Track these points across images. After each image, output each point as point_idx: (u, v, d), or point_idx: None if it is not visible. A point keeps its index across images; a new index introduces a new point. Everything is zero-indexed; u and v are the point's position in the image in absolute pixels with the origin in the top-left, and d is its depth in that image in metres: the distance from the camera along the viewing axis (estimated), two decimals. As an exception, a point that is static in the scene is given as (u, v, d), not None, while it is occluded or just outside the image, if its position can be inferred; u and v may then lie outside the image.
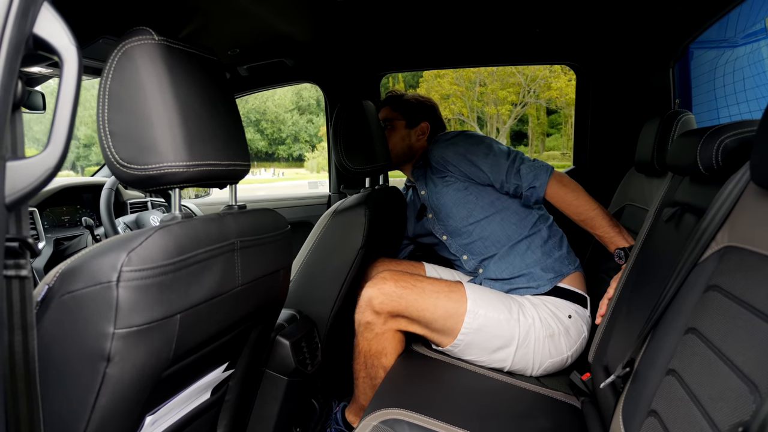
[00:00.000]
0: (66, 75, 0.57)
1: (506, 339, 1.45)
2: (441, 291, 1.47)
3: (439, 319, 1.45)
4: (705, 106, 1.91)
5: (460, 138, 1.71)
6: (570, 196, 1.54)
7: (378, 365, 1.51)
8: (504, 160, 1.62)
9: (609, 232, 1.50)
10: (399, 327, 1.49)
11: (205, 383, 1.04)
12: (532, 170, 1.58)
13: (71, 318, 0.70)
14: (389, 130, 1.90)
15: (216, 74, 0.95)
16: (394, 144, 1.89)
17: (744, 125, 0.95)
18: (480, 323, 1.44)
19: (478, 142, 1.69)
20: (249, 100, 27.64)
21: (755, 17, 1.68)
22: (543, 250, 1.60)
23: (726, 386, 0.65)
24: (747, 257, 0.73)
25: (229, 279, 0.92)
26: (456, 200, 1.70)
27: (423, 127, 1.91)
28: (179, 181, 0.84)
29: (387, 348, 1.50)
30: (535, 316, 1.48)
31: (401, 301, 1.44)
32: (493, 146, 1.66)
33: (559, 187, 1.56)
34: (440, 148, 1.72)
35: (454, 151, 1.68)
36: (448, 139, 1.74)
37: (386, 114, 1.94)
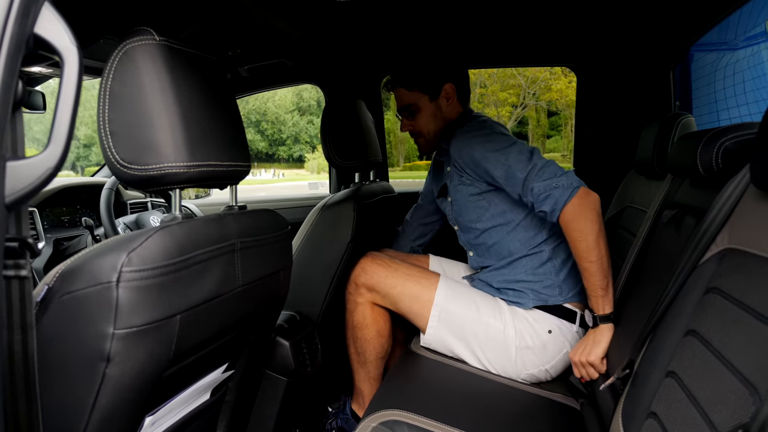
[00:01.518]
0: (67, 75, 0.57)
1: (468, 336, 1.47)
2: (412, 275, 1.54)
3: (405, 300, 1.51)
4: (705, 108, 1.91)
5: (477, 139, 1.48)
6: (575, 233, 1.31)
7: (360, 337, 1.57)
8: (521, 171, 1.37)
9: (596, 290, 1.31)
10: (374, 300, 1.55)
11: (205, 384, 1.03)
12: (547, 192, 1.32)
13: (71, 318, 0.70)
14: (416, 114, 1.66)
15: (216, 75, 0.95)
16: (427, 125, 1.66)
17: (744, 128, 0.95)
18: (446, 318, 1.49)
19: (496, 147, 1.44)
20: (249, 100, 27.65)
21: (755, 20, 1.69)
22: (537, 272, 1.50)
23: (725, 388, 0.65)
24: (747, 260, 0.73)
25: (229, 280, 0.92)
26: (468, 202, 1.58)
27: (447, 90, 1.64)
28: (180, 181, 0.84)
29: (366, 318, 1.56)
30: (510, 324, 1.46)
31: (374, 276, 1.53)
32: (511, 153, 1.40)
33: (572, 217, 1.31)
34: (458, 147, 1.52)
35: (470, 155, 1.48)
36: (466, 134, 1.51)
37: (404, 98, 1.67)
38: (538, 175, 1.34)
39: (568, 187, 1.30)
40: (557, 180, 1.32)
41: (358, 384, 1.62)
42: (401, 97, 1.67)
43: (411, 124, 1.68)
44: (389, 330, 1.60)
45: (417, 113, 1.65)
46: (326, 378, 1.72)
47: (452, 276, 1.77)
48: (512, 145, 1.42)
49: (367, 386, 1.61)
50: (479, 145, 1.47)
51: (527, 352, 1.43)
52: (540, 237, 1.51)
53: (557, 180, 1.32)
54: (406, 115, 1.68)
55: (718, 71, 1.86)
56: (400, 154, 29.78)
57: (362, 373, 1.60)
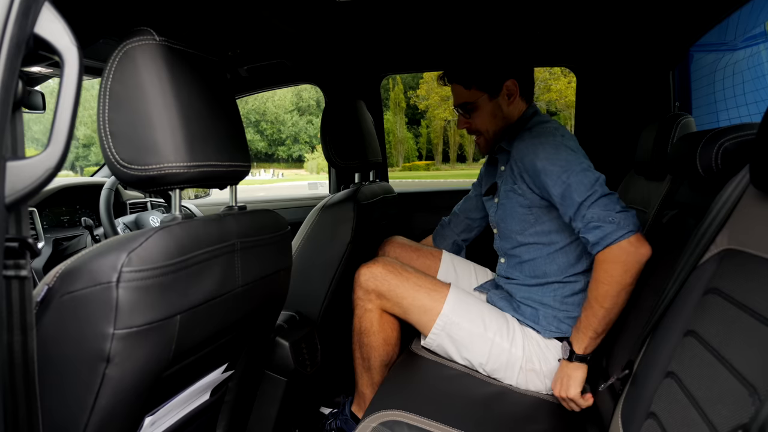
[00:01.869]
0: (67, 75, 0.57)
1: (474, 352, 1.44)
2: (423, 286, 1.48)
3: (415, 312, 1.47)
4: (704, 109, 1.91)
5: (543, 148, 1.33)
6: (604, 275, 1.20)
7: (366, 344, 1.53)
8: (579, 195, 1.24)
9: (588, 331, 1.24)
10: (384, 307, 1.51)
11: (205, 384, 1.03)
12: (599, 222, 1.20)
13: (71, 318, 0.70)
14: (473, 112, 1.53)
15: (216, 75, 0.95)
16: (486, 125, 1.53)
17: (743, 128, 0.95)
18: (450, 329, 1.45)
19: (561, 162, 1.30)
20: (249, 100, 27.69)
21: (755, 21, 1.69)
22: (565, 301, 1.43)
23: (725, 389, 0.65)
24: (746, 260, 0.73)
25: (229, 280, 0.92)
26: (515, 211, 1.46)
27: (509, 87, 1.50)
28: (180, 181, 0.84)
29: (374, 326, 1.52)
30: (518, 344, 1.42)
31: (384, 283, 1.48)
32: (575, 173, 1.27)
33: (612, 259, 1.19)
34: (521, 152, 1.39)
35: (532, 163, 1.34)
36: (533, 140, 1.37)
37: (461, 96, 1.54)
38: (596, 203, 1.22)
39: (623, 228, 1.18)
40: (615, 215, 1.19)
41: (361, 387, 1.60)
42: (458, 93, 1.55)
43: (468, 122, 1.56)
44: (397, 338, 1.56)
45: (474, 112, 1.53)
46: (326, 378, 1.72)
47: (463, 279, 1.76)
48: (579, 164, 1.29)
49: (369, 390, 1.58)
50: (544, 155, 1.32)
51: (532, 374, 1.40)
52: (579, 266, 1.43)
53: (615, 215, 1.19)
54: (463, 112, 1.56)
55: (717, 72, 1.86)
56: (399, 155, 29.83)
57: (366, 377, 1.58)
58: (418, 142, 31.65)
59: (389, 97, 28.28)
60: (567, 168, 1.28)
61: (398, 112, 28.97)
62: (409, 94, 27.78)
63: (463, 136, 29.54)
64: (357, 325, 1.55)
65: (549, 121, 1.47)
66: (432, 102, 24.63)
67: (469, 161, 30.10)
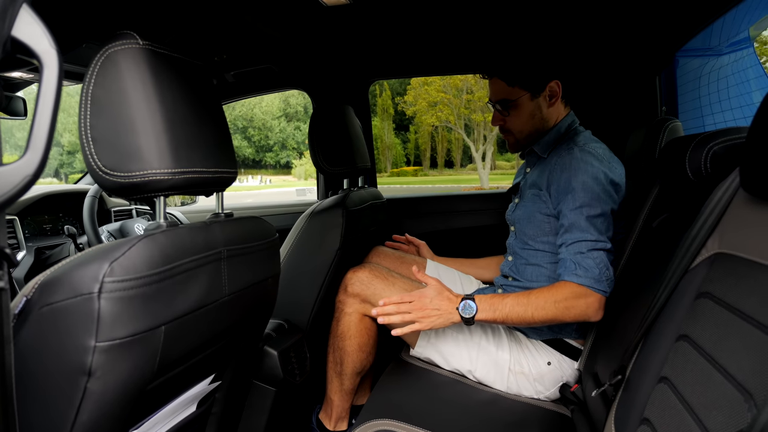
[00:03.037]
0: (46, 80, 0.55)
1: (461, 359, 1.43)
2: (409, 291, 1.45)
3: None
4: (690, 113, 1.93)
5: (584, 173, 1.31)
6: (548, 299, 1.25)
7: (341, 347, 1.52)
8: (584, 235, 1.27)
9: (497, 312, 1.27)
10: (366, 312, 1.50)
11: (191, 396, 1.01)
12: (581, 268, 1.24)
13: (50, 331, 0.68)
14: (512, 110, 1.49)
15: (202, 80, 0.93)
16: (521, 125, 1.49)
17: (732, 132, 0.96)
18: (435, 340, 1.44)
19: (591, 197, 1.29)
20: (236, 106, 27.65)
21: (738, 27, 1.71)
22: None
23: (720, 394, 0.64)
24: (737, 264, 0.73)
25: (215, 289, 0.90)
26: (534, 215, 1.45)
27: (553, 88, 1.46)
28: (164, 188, 0.82)
29: (351, 330, 1.51)
30: (505, 347, 1.42)
31: (370, 287, 1.48)
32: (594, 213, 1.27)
33: (567, 295, 1.24)
34: (560, 166, 1.36)
35: (567, 180, 1.32)
36: (579, 159, 1.33)
37: (501, 92, 1.49)
38: (592, 253, 1.25)
39: (600, 285, 1.23)
40: (602, 271, 1.24)
41: (330, 393, 1.57)
42: (498, 89, 1.50)
43: (503, 120, 1.52)
44: (372, 346, 1.54)
45: (513, 110, 1.48)
46: (315, 387, 1.70)
47: (447, 285, 1.75)
48: (605, 204, 1.29)
49: (338, 397, 1.56)
50: (583, 178, 1.30)
51: (522, 378, 1.40)
52: None
53: (602, 271, 1.24)
54: (500, 108, 1.51)
55: (702, 77, 1.88)
56: (388, 160, 29.91)
57: (336, 383, 1.55)
58: (406, 148, 31.77)
59: (377, 103, 28.36)
60: (591, 205, 1.28)
61: (386, 118, 29.06)
62: (397, 100, 27.87)
63: (451, 142, 29.70)
64: (334, 327, 1.55)
65: (598, 142, 1.44)
66: (420, 108, 24.72)
67: (456, 167, 30.26)
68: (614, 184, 1.33)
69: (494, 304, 1.28)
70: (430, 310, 1.28)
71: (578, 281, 1.24)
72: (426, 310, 1.28)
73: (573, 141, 1.40)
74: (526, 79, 1.45)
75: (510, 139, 1.56)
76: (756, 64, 1.72)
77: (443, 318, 1.28)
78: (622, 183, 1.37)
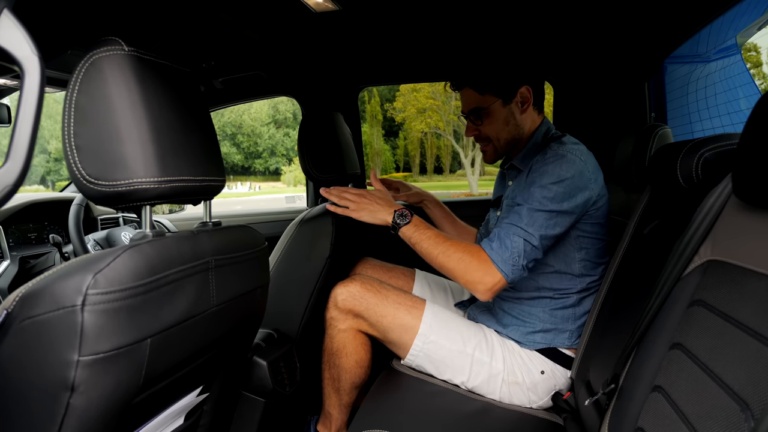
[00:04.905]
0: (27, 86, 0.54)
1: (455, 370, 1.41)
2: (403, 304, 1.45)
3: (396, 330, 1.43)
4: (678, 120, 1.94)
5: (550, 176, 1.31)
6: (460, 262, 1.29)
7: (338, 365, 1.48)
8: (517, 221, 1.30)
9: (418, 239, 1.36)
10: (360, 327, 1.47)
11: (178, 409, 0.99)
12: (504, 246, 1.28)
13: (32, 345, 0.66)
14: (485, 119, 1.49)
15: (189, 87, 0.92)
16: (497, 132, 1.49)
17: (723, 139, 0.96)
18: (429, 349, 1.41)
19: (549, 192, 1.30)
20: (225, 113, 27.55)
21: (725, 34, 1.72)
22: (554, 313, 1.42)
23: (714, 404, 0.64)
24: (731, 271, 0.73)
25: (203, 300, 0.88)
26: None
27: (524, 94, 1.46)
28: (150, 197, 0.81)
29: (347, 347, 1.47)
30: (498, 357, 1.41)
31: (362, 302, 1.44)
32: (541, 208, 1.29)
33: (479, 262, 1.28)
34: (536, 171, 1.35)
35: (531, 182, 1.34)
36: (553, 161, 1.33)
37: (473, 101, 1.49)
38: (519, 238, 1.27)
39: (509, 267, 1.26)
40: (516, 258, 1.26)
41: (328, 408, 1.54)
42: (469, 99, 1.50)
43: (477, 129, 1.52)
44: (369, 360, 1.51)
45: (487, 118, 1.48)
46: (305, 397, 1.68)
47: (438, 297, 1.74)
48: (553, 204, 1.29)
49: (337, 411, 1.53)
50: (544, 181, 1.31)
51: (515, 387, 1.39)
52: (574, 286, 1.43)
53: (516, 258, 1.26)
54: (473, 119, 1.51)
55: (690, 84, 1.89)
56: (377, 166, 29.91)
57: (334, 398, 1.52)
58: (396, 154, 31.81)
59: (366, 109, 28.39)
60: (540, 202, 1.29)
61: (375, 125, 29.08)
62: (386, 106, 27.93)
63: (440, 148, 29.78)
64: (328, 345, 1.50)
65: (576, 143, 1.43)
66: (409, 114, 24.78)
67: (446, 173, 30.33)
68: (587, 182, 1.33)
69: (419, 228, 1.37)
70: (367, 203, 1.42)
71: (488, 252, 1.28)
72: (363, 203, 1.42)
73: (549, 147, 1.40)
74: (496, 86, 1.45)
75: (488, 149, 1.54)
76: (744, 71, 1.74)
77: (373, 213, 1.41)
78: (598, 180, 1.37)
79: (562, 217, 1.30)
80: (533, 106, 1.49)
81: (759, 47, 12.99)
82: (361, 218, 1.41)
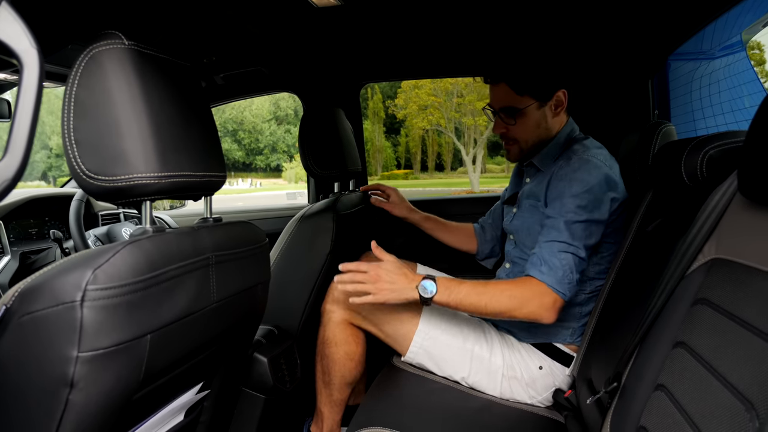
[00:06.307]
0: (26, 80, 0.53)
1: (455, 366, 1.41)
2: None
3: (391, 322, 1.42)
4: (682, 117, 1.93)
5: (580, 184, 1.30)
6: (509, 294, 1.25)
7: (328, 355, 1.47)
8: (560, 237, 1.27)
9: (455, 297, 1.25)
10: (354, 321, 1.46)
11: (178, 405, 0.99)
12: (550, 267, 1.24)
13: (31, 341, 0.66)
14: (520, 119, 1.44)
15: (190, 82, 0.91)
16: (527, 134, 1.45)
17: (728, 136, 0.95)
18: (429, 345, 1.41)
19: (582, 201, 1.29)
20: (226, 109, 27.58)
21: (730, 31, 1.71)
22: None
23: (718, 403, 0.63)
24: (735, 270, 0.72)
25: (203, 296, 0.87)
26: (533, 228, 1.44)
27: (559, 98, 1.44)
28: (150, 193, 0.80)
29: (337, 337, 1.46)
30: (497, 352, 1.41)
31: None
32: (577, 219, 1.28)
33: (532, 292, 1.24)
34: (558, 178, 1.35)
35: (561, 190, 1.32)
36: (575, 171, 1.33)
37: (507, 99, 1.44)
38: (565, 254, 1.25)
39: (564, 285, 1.24)
40: (569, 275, 1.24)
41: (320, 405, 1.53)
42: (504, 96, 1.44)
43: (506, 128, 1.48)
44: (361, 355, 1.49)
45: (519, 118, 1.44)
46: (306, 396, 1.68)
47: None
48: (588, 213, 1.28)
49: (328, 409, 1.51)
50: (574, 190, 1.30)
51: (515, 382, 1.38)
52: (586, 288, 1.42)
53: (569, 275, 1.24)
54: (504, 116, 1.46)
55: (694, 81, 1.88)
56: (378, 163, 29.92)
57: (325, 393, 1.51)
58: (397, 151, 31.82)
59: (367, 106, 28.38)
60: (575, 212, 1.28)
61: (377, 121, 29.08)
62: (387, 103, 27.91)
63: (441, 146, 29.77)
64: (321, 334, 1.50)
65: (600, 147, 1.43)
66: (410, 111, 24.76)
67: (447, 170, 30.33)
68: (613, 187, 1.33)
69: (450, 287, 1.25)
70: (385, 282, 1.25)
71: (540, 277, 1.24)
72: (380, 282, 1.25)
73: (572, 150, 1.39)
74: (536, 88, 1.41)
75: (513, 149, 1.51)
76: (748, 68, 1.73)
77: (397, 293, 1.25)
78: (621, 185, 1.37)
79: (596, 225, 1.30)
80: (565, 110, 1.48)
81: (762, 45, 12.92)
82: (387, 301, 1.26)
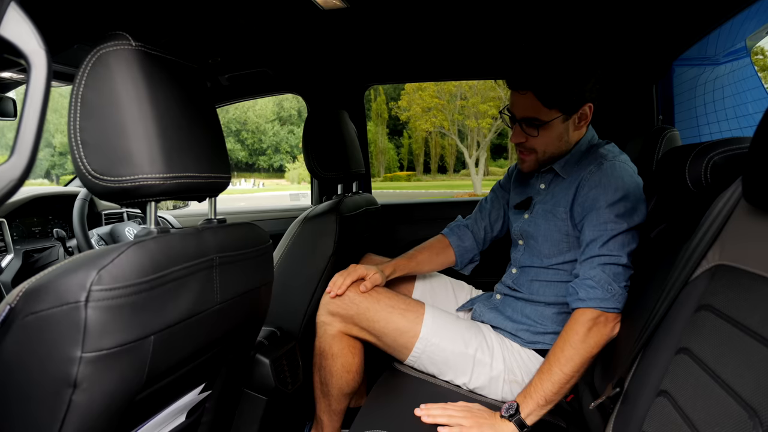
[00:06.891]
0: (34, 80, 0.54)
1: (456, 371, 1.40)
2: (396, 307, 1.41)
3: (390, 334, 1.40)
4: (686, 123, 1.93)
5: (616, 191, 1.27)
6: (574, 338, 1.20)
7: (325, 367, 1.45)
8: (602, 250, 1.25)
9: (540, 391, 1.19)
10: (350, 332, 1.43)
11: (181, 406, 0.99)
12: (595, 284, 1.21)
13: (35, 341, 0.66)
14: (543, 131, 1.38)
15: (196, 83, 0.91)
16: (547, 146, 1.40)
17: (732, 143, 0.95)
18: (431, 351, 1.40)
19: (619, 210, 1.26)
20: (229, 109, 27.61)
21: (735, 38, 1.71)
22: (563, 320, 1.38)
23: (722, 410, 0.63)
24: (739, 276, 0.72)
25: (207, 297, 0.88)
26: (549, 235, 1.41)
27: (585, 112, 1.38)
28: (155, 193, 0.80)
29: (333, 349, 1.44)
30: (498, 357, 1.40)
31: (353, 307, 1.39)
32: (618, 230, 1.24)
33: (584, 324, 1.20)
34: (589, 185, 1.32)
35: (596, 197, 1.29)
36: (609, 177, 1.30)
37: (533, 110, 1.36)
38: (608, 267, 1.22)
39: (615, 302, 1.20)
40: (615, 287, 1.21)
41: (319, 413, 1.52)
42: (530, 106, 1.36)
43: (526, 138, 1.41)
44: (358, 365, 1.47)
45: (544, 130, 1.37)
46: (307, 398, 1.68)
47: (440, 295, 1.73)
48: (628, 223, 1.25)
49: (327, 417, 1.50)
50: (612, 197, 1.27)
51: (516, 386, 1.38)
52: None
53: (615, 287, 1.21)
54: (525, 126, 1.39)
55: (699, 86, 1.88)
56: (381, 165, 29.94)
57: (323, 403, 1.49)
58: (400, 153, 31.85)
59: (371, 108, 28.41)
60: (615, 221, 1.25)
61: (380, 123, 29.11)
62: (391, 105, 27.95)
63: (444, 148, 29.77)
64: (317, 345, 1.48)
65: (622, 153, 1.40)
66: (413, 113, 24.79)
67: (449, 172, 30.34)
68: (641, 195, 1.31)
69: (532, 396, 1.19)
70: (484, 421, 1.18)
71: (582, 305, 1.22)
72: (476, 421, 1.17)
73: (601, 156, 1.36)
74: (566, 102, 1.34)
75: (530, 159, 1.44)
76: (753, 74, 1.72)
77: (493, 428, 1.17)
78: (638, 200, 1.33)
79: (634, 233, 1.27)
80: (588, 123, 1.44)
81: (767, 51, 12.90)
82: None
